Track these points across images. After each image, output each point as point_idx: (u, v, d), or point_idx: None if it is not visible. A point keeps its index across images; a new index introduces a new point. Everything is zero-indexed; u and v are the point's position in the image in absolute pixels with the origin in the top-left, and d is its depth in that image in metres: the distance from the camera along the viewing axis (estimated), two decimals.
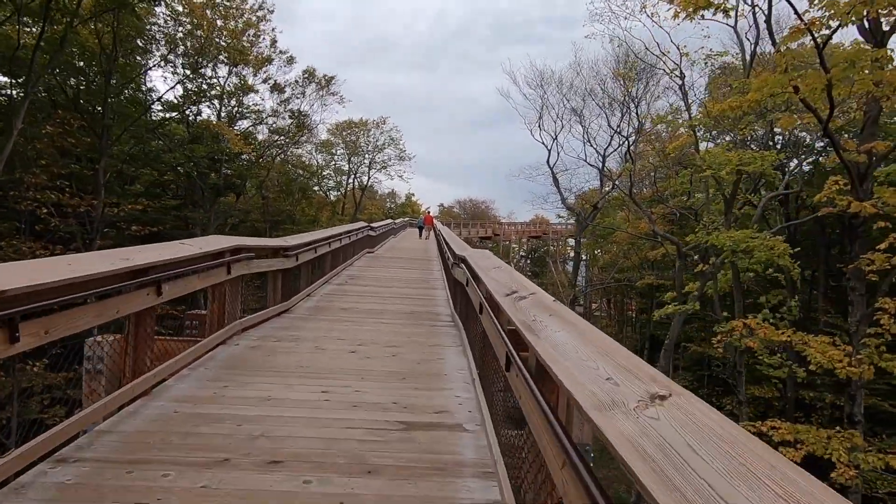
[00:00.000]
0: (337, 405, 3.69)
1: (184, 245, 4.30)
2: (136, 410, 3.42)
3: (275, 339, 5.45)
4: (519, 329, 2.18)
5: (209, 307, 5.03)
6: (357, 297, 8.97)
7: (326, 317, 7.13)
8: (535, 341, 1.89)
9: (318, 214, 44.10)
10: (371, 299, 8.76)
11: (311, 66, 26.17)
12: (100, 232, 14.13)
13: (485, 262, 4.44)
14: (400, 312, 7.76)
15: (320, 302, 8.27)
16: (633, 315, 44.02)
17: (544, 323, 2.05)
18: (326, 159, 43.91)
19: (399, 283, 10.86)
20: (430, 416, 3.57)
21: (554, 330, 1.93)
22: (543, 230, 59.92)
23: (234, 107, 23.61)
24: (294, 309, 7.48)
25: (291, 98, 26.28)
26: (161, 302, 3.84)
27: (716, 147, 11.36)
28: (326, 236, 10.02)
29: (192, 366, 4.39)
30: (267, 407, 3.58)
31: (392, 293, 9.60)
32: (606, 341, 1.74)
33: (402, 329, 6.46)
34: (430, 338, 6.05)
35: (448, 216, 60.67)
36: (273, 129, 26.21)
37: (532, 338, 1.94)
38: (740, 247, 10.18)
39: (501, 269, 3.81)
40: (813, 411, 22.68)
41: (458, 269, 6.51)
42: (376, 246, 18.98)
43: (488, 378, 3.67)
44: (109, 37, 14.04)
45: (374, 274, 12.19)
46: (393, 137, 44.52)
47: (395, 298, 9.02)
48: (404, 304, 8.49)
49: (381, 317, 7.31)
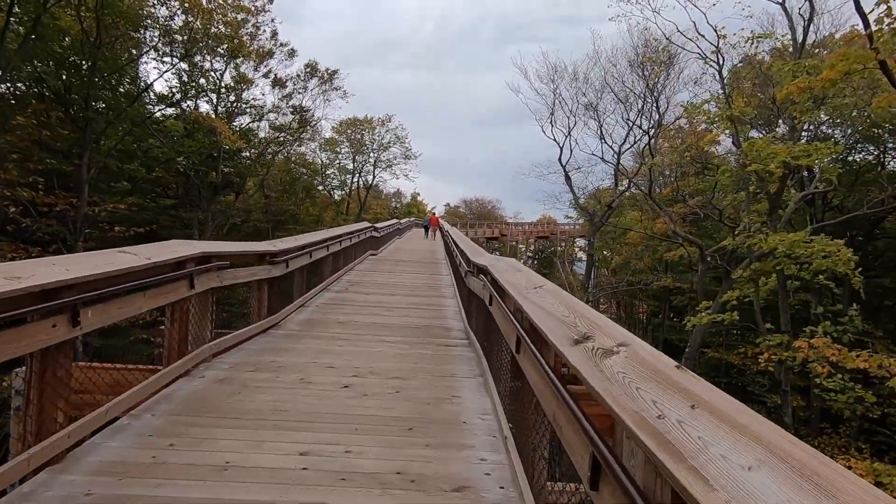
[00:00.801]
0: (319, 478, 2.68)
1: (123, 255, 3.29)
2: (32, 491, 2.42)
3: (251, 368, 4.43)
4: (633, 431, 1.14)
5: (167, 331, 4.03)
6: (357, 307, 7.96)
7: (320, 333, 6.12)
8: (704, 496, 0.86)
9: (322, 214, 43.20)
10: (372, 310, 7.74)
11: (314, 59, 25.26)
12: (83, 233, 13.17)
13: (516, 277, 3.41)
14: (405, 327, 6.74)
15: (315, 314, 7.26)
16: (644, 318, 42.85)
17: (697, 433, 1.02)
18: (330, 158, 43.01)
19: (404, 290, 9.84)
20: (447, 499, 2.55)
21: (740, 465, 0.90)
22: (551, 230, 58.90)
23: (233, 102, 22.65)
24: (283, 324, 6.48)
25: (293, 93, 25.32)
26: (80, 333, 2.84)
27: (760, 138, 10.21)
28: (323, 239, 9.02)
29: (137, 410, 3.39)
30: (220, 483, 2.57)
31: (396, 302, 8.59)
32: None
33: (407, 351, 5.44)
34: (442, 363, 5.02)
35: (454, 216, 59.70)
36: (274, 125, 25.26)
37: (691, 480, 0.91)
38: (795, 251, 9.02)
39: (545, 289, 2.78)
40: (840, 422, 21.51)
41: (476, 281, 5.49)
42: (380, 248, 17.99)
43: (528, 439, 2.64)
44: (93, 21, 13.03)
45: (377, 279, 11.18)
46: (398, 135, 43.56)
47: (400, 308, 8.01)
48: (410, 316, 7.47)
49: (382, 333, 6.29)
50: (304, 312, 7.31)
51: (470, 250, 7.04)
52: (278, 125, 25.45)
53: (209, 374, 4.17)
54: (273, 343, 5.45)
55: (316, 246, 8.34)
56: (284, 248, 6.60)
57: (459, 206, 65.73)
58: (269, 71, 24.27)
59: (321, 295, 8.80)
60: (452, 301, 9.01)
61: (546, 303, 2.52)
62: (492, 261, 4.67)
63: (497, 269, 3.95)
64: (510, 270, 3.71)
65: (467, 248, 7.73)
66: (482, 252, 6.54)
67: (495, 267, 4.11)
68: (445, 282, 11.62)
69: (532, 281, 3.05)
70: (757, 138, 10.75)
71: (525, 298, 2.66)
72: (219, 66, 20.65)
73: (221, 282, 4.65)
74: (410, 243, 24.53)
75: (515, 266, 3.89)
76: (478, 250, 6.92)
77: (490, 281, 4.35)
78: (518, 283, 3.10)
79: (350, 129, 42.05)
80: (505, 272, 3.70)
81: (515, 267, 3.83)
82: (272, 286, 6.36)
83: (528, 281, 3.08)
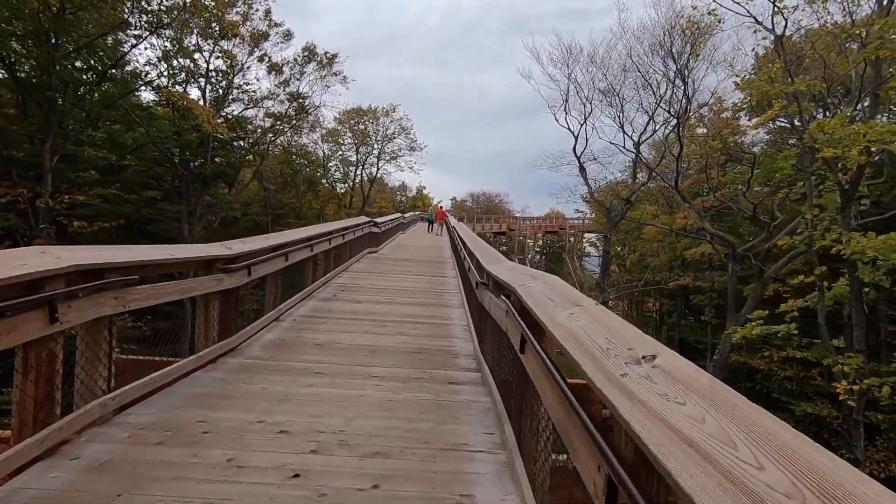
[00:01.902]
0: None
1: None
2: None
3: (158, 438, 2.98)
4: None
5: (15, 391, 2.59)
6: (343, 321, 6.53)
7: (287, 363, 4.69)
8: None
9: (324, 208, 41.81)
10: (361, 326, 6.31)
11: (312, 41, 23.66)
12: (45, 228, 11.78)
13: (580, 320, 1.93)
14: (399, 351, 5.29)
15: (288, 332, 5.82)
16: (656, 316, 41.15)
17: None
18: (333, 149, 41.56)
19: (403, 297, 8.40)
20: None
21: None
22: (560, 225, 57.41)
23: (225, 87, 21.16)
24: (243, 348, 5.06)
25: (290, 79, 23.80)
26: None
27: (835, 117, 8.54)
28: (306, 237, 7.57)
29: None
30: None
31: (392, 313, 7.14)
32: None
33: (398, 395, 3.98)
34: (446, 419, 3.56)
35: (460, 210, 58.26)
36: (270, 113, 23.75)
37: None
38: (892, 258, 7.35)
39: (663, 368, 1.29)
40: (878, 433, 19.94)
41: (493, 301, 4.04)
42: (381, 244, 16.55)
43: None
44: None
45: (372, 283, 9.74)
46: (403, 126, 42.05)
47: (396, 323, 6.56)
48: (407, 334, 6.03)
49: (369, 362, 4.85)
50: (276, 330, 5.88)
51: (482, 254, 5.57)
52: (274, 113, 23.96)
53: (87, 455, 2.72)
54: (215, 384, 4.01)
55: (295, 246, 6.90)
56: (245, 250, 5.16)
57: (466, 200, 64.26)
58: (265, 55, 22.78)
59: (303, 304, 7.37)
60: (459, 312, 7.55)
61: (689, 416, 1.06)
62: (520, 278, 3.19)
63: (533, 298, 2.48)
64: (560, 303, 2.23)
65: (478, 249, 6.25)
66: (498, 257, 5.06)
67: (529, 293, 2.64)
68: (451, 285, 10.17)
69: (620, 337, 1.57)
70: (825, 119, 9.12)
71: (628, 396, 1.19)
72: (207, 47, 19.13)
73: (126, 306, 3.20)
74: (414, 239, 23.08)
75: (566, 295, 2.41)
76: (492, 254, 5.44)
77: (518, 310, 2.89)
78: (589, 338, 1.63)
79: (353, 119, 40.55)
80: (550, 306, 2.23)
81: (569, 297, 2.34)
82: (227, 300, 4.93)
83: (610, 334, 1.60)
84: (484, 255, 5.39)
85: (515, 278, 3.36)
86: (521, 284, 2.94)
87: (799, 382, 23.28)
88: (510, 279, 3.40)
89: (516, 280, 3.25)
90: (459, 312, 7.49)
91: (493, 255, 5.36)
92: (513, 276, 3.52)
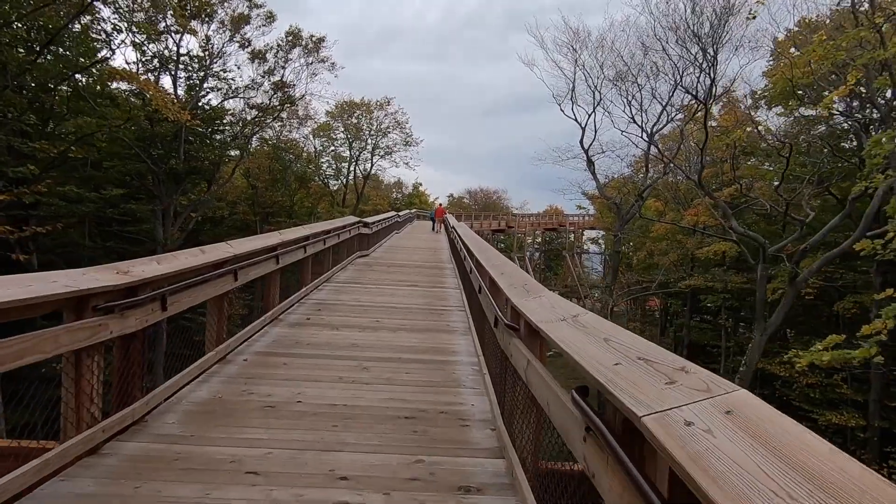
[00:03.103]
0: None
1: None
2: None
3: None
4: None
5: None
6: (312, 361, 4.90)
7: (210, 446, 3.08)
8: None
9: (316, 205, 40.03)
10: (335, 369, 4.67)
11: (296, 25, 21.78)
12: None
13: None
14: (384, 418, 3.68)
15: (229, 385, 4.18)
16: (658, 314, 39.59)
17: None
18: (325, 144, 39.77)
19: (393, 320, 6.75)
20: None
21: None
22: (559, 222, 56.08)
23: (201, 75, 19.31)
24: (155, 417, 3.45)
25: (275, 68, 22.01)
26: None
27: None
28: (267, 246, 5.94)
29: None
30: None
31: (378, 346, 5.51)
32: None
33: None
34: None
35: (458, 207, 56.62)
36: (253, 104, 21.93)
37: None
38: None
39: None
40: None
41: (528, 358, 2.42)
42: (372, 246, 14.90)
43: None
44: None
45: (359, 297, 8.10)
46: (398, 120, 40.29)
47: (383, 364, 4.93)
48: (397, 383, 4.41)
49: (336, 444, 3.23)
50: (214, 381, 4.24)
51: (506, 279, 3.92)
52: (258, 104, 22.13)
53: None
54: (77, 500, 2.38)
55: (250, 259, 5.26)
56: (159, 273, 3.52)
57: (464, 197, 62.56)
58: (248, 41, 21.00)
59: (264, 333, 5.73)
60: (465, 341, 5.93)
61: None
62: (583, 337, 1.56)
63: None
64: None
65: (496, 268, 4.62)
66: (529, 283, 3.41)
67: (615, 380, 0.97)
68: (452, 299, 8.55)
69: None
70: None
71: None
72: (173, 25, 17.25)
73: None
74: (410, 240, 21.42)
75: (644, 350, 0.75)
76: (519, 277, 3.80)
77: (597, 431, 1.26)
78: None
79: (345, 113, 38.76)
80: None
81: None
82: (126, 351, 3.31)
83: None
84: (508, 278, 3.74)
85: (572, 338, 1.78)
86: (592, 359, 1.32)
87: (822, 390, 21.82)
88: (563, 338, 1.81)
89: (574, 341, 1.66)
90: (465, 342, 5.87)
91: (521, 277, 3.72)
92: (568, 333, 1.93)
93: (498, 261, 4.97)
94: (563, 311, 2.43)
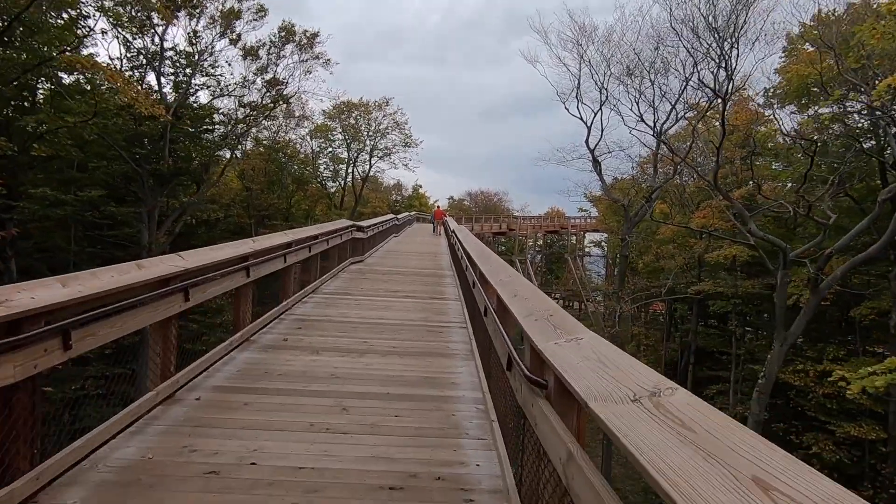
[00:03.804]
0: None
1: None
2: None
3: None
4: None
5: None
6: (279, 400, 4.00)
7: None
8: None
9: (314, 208, 39.15)
10: (306, 414, 3.77)
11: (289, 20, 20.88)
12: None
13: None
14: (362, 489, 2.78)
15: (167, 438, 3.28)
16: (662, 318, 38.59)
17: None
18: (322, 146, 38.90)
19: (384, 341, 5.85)
20: None
21: None
22: (561, 224, 55.25)
23: (189, 73, 18.42)
24: (61, 488, 2.56)
25: (268, 65, 21.13)
26: None
27: None
28: (236, 256, 5.06)
29: None
30: None
31: (363, 377, 4.62)
32: None
33: None
34: None
35: (458, 209, 55.81)
36: (245, 103, 21.05)
37: None
38: None
39: None
40: None
41: (551, 423, 1.48)
42: (367, 251, 14.02)
43: None
44: None
45: (347, 312, 7.21)
46: (397, 121, 39.42)
47: (366, 402, 4.04)
48: (381, 433, 3.51)
49: None
50: (150, 430, 3.34)
51: (519, 297, 3.03)
52: (250, 103, 21.26)
53: None
54: None
55: (205, 277, 4.38)
56: (58, 300, 2.64)
57: (464, 199, 61.70)
58: (239, 37, 20.15)
59: (229, 360, 4.83)
60: (466, 369, 5.03)
61: None
62: None
63: None
64: None
65: (501, 280, 3.74)
66: (559, 317, 2.50)
67: None
68: (452, 312, 7.66)
69: None
70: None
71: None
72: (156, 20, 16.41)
73: None
74: (408, 244, 20.53)
75: None
76: (541, 300, 2.89)
77: None
78: None
79: (343, 113, 37.92)
80: None
81: None
82: (7, 403, 2.44)
83: None
84: (525, 302, 2.85)
85: (678, 462, 0.90)
86: None
87: (839, 400, 20.86)
88: (660, 465, 0.92)
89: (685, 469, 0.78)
90: (467, 370, 4.98)
91: (542, 302, 2.81)
92: (656, 441, 1.05)
93: (506, 275, 4.07)
94: (626, 377, 1.54)
